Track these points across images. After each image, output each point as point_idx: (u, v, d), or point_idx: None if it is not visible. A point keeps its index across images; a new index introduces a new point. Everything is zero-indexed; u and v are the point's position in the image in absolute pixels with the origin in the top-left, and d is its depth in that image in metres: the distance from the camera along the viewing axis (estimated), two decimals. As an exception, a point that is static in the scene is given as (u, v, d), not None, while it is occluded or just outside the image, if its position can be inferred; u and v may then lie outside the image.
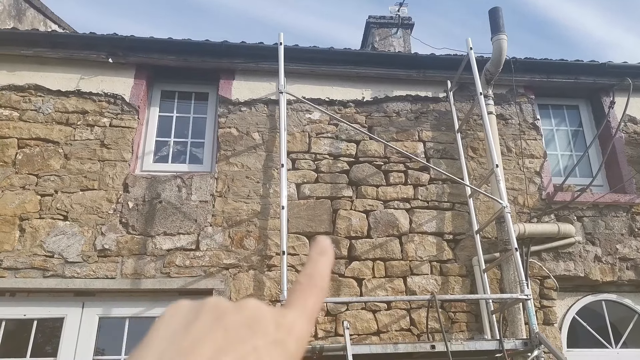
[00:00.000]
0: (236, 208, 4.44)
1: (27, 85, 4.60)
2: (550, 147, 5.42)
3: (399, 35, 8.26)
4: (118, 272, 4.04)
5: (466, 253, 4.52)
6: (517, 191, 4.85)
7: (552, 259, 4.57)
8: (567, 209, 4.76)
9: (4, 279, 3.88)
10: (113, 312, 4.02)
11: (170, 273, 4.11)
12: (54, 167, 4.33)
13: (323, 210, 4.56)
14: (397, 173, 4.81)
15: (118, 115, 4.62)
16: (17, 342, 3.87)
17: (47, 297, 3.99)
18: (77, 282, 3.93)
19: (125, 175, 4.40)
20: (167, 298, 4.14)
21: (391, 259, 4.44)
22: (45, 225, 4.10)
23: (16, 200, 4.15)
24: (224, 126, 4.76)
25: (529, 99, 5.34)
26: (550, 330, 4.27)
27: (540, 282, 4.46)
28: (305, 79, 5.05)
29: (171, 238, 4.23)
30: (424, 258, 4.48)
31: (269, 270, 4.25)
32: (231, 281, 4.15)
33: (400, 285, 4.35)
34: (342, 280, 4.31)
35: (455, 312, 4.29)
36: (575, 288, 4.60)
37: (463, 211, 4.70)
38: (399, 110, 5.11)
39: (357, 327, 4.14)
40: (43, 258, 3.99)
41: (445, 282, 4.41)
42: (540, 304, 4.37)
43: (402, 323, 4.21)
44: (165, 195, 4.38)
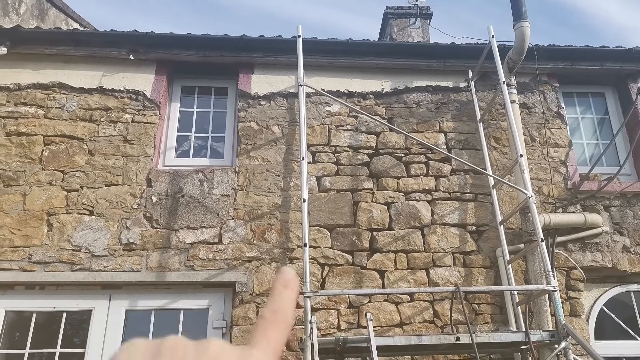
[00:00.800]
0: (257, 201, 4.46)
1: (51, 83, 4.68)
2: (576, 135, 5.30)
3: (418, 25, 8.16)
4: (143, 266, 4.10)
5: (490, 244, 4.46)
6: (542, 181, 4.76)
7: (578, 249, 4.48)
8: (594, 199, 4.66)
9: (33, 273, 3.98)
10: (139, 304, 4.09)
11: (194, 266, 4.16)
12: (79, 163, 4.41)
13: (344, 202, 4.55)
14: (418, 164, 4.76)
15: (140, 111, 4.68)
16: (47, 334, 3.97)
17: (75, 290, 4.08)
18: (103, 275, 4.01)
19: (148, 170, 4.45)
20: (192, 290, 4.19)
21: (413, 250, 4.41)
22: (72, 220, 4.19)
23: (43, 196, 4.24)
24: (244, 120, 4.77)
25: (552, 87, 5.22)
26: (578, 322, 4.20)
27: (567, 273, 4.38)
28: (324, 71, 5.03)
29: (194, 232, 4.28)
30: (447, 250, 4.43)
31: (290, 262, 4.26)
32: (254, 274, 4.18)
33: (422, 277, 4.32)
34: (364, 272, 4.30)
35: (479, 304, 4.25)
36: (603, 279, 4.51)
37: (486, 202, 4.63)
38: (419, 101, 5.06)
39: (380, 319, 4.13)
40: (71, 252, 4.08)
41: (469, 273, 4.36)
42: (567, 296, 4.29)
43: (425, 315, 4.19)
44: (187, 189, 4.42)
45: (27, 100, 4.60)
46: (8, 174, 4.31)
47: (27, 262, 4.01)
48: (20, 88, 4.64)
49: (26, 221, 4.14)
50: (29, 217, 4.15)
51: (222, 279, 4.15)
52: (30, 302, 4.01)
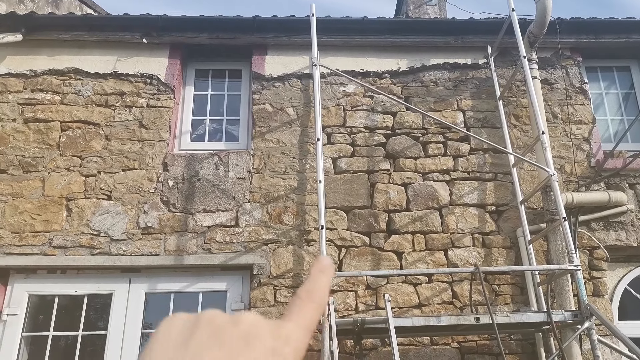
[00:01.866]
0: (273, 184, 4.43)
1: (67, 69, 4.70)
2: (599, 112, 5.13)
3: (434, 2, 7.96)
4: (161, 249, 4.13)
5: (510, 224, 4.38)
6: (564, 159, 4.63)
7: (602, 228, 4.36)
8: (619, 176, 4.52)
9: (55, 257, 4.04)
10: (158, 287, 4.13)
11: (211, 249, 4.17)
12: (95, 148, 4.43)
13: (360, 184, 4.50)
14: (436, 144, 4.67)
15: (155, 96, 4.67)
16: (70, 317, 4.05)
17: (96, 274, 4.14)
18: (123, 259, 4.05)
19: (164, 155, 4.46)
20: (210, 273, 4.21)
21: (431, 231, 4.35)
22: (91, 205, 4.23)
23: (62, 181, 4.28)
24: (258, 102, 4.73)
25: (575, 61, 5.05)
26: (601, 302, 4.11)
27: (590, 252, 4.27)
28: (338, 51, 4.94)
29: (211, 215, 4.29)
30: (466, 230, 4.36)
31: (307, 245, 4.25)
32: (271, 256, 4.18)
33: (441, 258, 4.26)
34: (382, 254, 4.26)
35: (499, 284, 4.18)
36: (627, 258, 4.39)
37: (506, 181, 4.53)
38: (437, 79, 4.94)
39: (398, 301, 4.10)
40: (90, 236, 4.13)
41: (489, 254, 4.29)
42: (590, 275, 4.20)
43: (444, 296, 4.14)
44: (203, 173, 4.42)
45: (43, 87, 4.62)
46: (27, 160, 4.36)
47: (48, 247, 4.07)
48: (37, 74, 4.66)
49: (46, 206, 4.19)
50: (49, 203, 4.21)
51: (239, 262, 4.15)
52: (52, 285, 4.09)
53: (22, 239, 4.08)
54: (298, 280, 4.12)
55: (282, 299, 4.06)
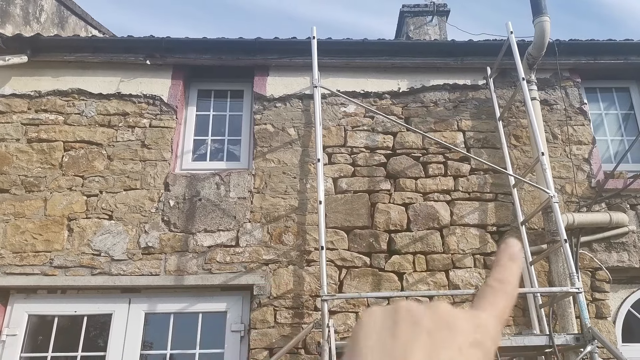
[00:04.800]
0: (274, 204, 4.44)
1: (71, 89, 4.76)
2: (599, 132, 5.15)
3: (435, 23, 8.06)
4: (162, 269, 4.13)
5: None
6: (565, 179, 4.64)
7: (603, 249, 4.34)
8: (620, 197, 4.51)
9: (55, 277, 4.04)
10: (158, 308, 4.12)
11: (212, 269, 4.17)
12: (98, 168, 4.47)
13: (361, 204, 4.50)
14: (437, 164, 4.69)
15: (157, 116, 4.72)
16: (69, 337, 4.03)
17: (96, 294, 4.13)
18: (123, 279, 4.05)
19: (166, 175, 4.49)
20: (210, 293, 4.20)
21: (432, 252, 4.34)
22: (92, 224, 4.24)
23: (64, 201, 4.31)
24: (260, 123, 4.77)
25: (574, 82, 5.09)
26: (604, 324, 4.07)
27: (592, 274, 4.25)
28: (339, 72, 5.00)
29: (211, 235, 4.29)
30: (467, 251, 4.35)
31: (308, 265, 4.24)
32: (271, 276, 4.17)
33: (442, 279, 4.24)
34: (382, 274, 4.25)
35: (500, 306, 4.14)
36: (630, 280, 4.37)
37: (507, 202, 4.53)
38: (437, 99, 4.98)
39: (399, 322, 4.06)
40: (91, 256, 4.13)
41: (490, 275, 4.26)
42: (592, 297, 4.17)
43: (445, 318, 4.10)
44: (204, 192, 4.44)
45: (47, 107, 4.68)
46: (30, 179, 4.39)
47: (49, 267, 4.07)
48: (41, 95, 4.73)
49: (47, 226, 4.21)
50: (50, 222, 4.22)
51: (239, 282, 4.14)
52: (52, 306, 4.08)
53: (23, 259, 4.09)
54: (298, 301, 4.11)
55: (282, 320, 4.04)
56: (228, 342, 4.05)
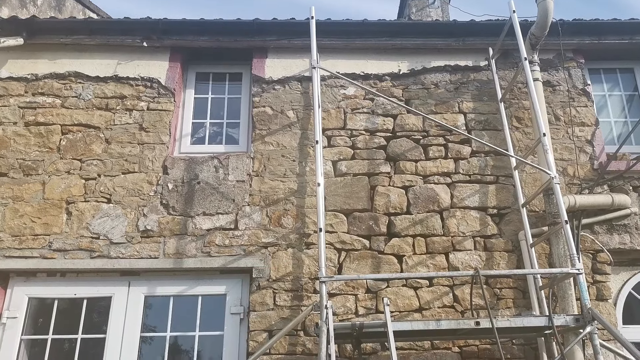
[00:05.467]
0: (273, 187, 4.42)
1: (68, 72, 4.71)
2: (603, 114, 5.08)
3: (437, 5, 7.94)
4: (161, 252, 4.13)
5: (512, 228, 4.33)
6: (567, 161, 4.58)
7: (605, 232, 4.31)
8: (622, 179, 4.46)
9: (54, 260, 4.05)
10: (158, 290, 4.12)
11: (211, 252, 4.16)
12: (96, 151, 4.44)
13: (360, 187, 4.47)
14: (437, 147, 4.64)
15: (155, 99, 4.67)
16: (69, 320, 4.05)
17: (95, 277, 4.13)
18: (122, 262, 4.05)
19: (164, 158, 4.46)
20: (209, 276, 4.20)
21: (432, 235, 4.32)
22: (90, 208, 4.23)
23: (62, 184, 4.29)
24: (259, 105, 4.72)
25: (578, 63, 5.00)
26: (604, 306, 4.06)
27: (593, 256, 4.22)
28: (338, 53, 4.93)
29: (210, 218, 4.28)
30: (467, 233, 4.32)
31: (307, 248, 4.23)
32: (270, 259, 4.16)
33: (442, 262, 4.23)
34: (382, 257, 4.23)
35: (501, 288, 4.14)
36: (632, 262, 4.34)
37: (508, 184, 4.49)
38: (438, 81, 4.91)
39: (398, 304, 4.07)
40: (89, 240, 4.13)
41: (490, 257, 4.25)
42: (593, 279, 4.14)
43: (444, 300, 4.10)
44: (203, 176, 4.42)
45: (44, 90, 4.65)
46: (28, 163, 4.37)
47: (48, 250, 4.08)
48: (38, 78, 4.69)
49: (46, 210, 4.20)
50: (49, 206, 4.22)
51: (238, 265, 4.14)
52: (51, 289, 4.09)
53: (22, 242, 4.09)
54: (297, 283, 4.10)
55: (282, 302, 4.04)
56: (227, 324, 4.06)
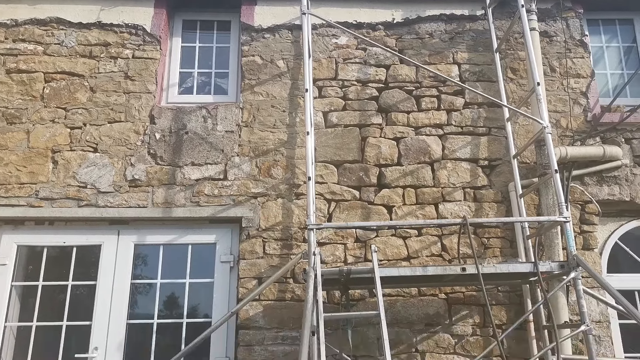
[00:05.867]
0: (262, 138, 4.36)
1: (49, 18, 4.55)
2: (599, 66, 4.98)
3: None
4: (149, 202, 4.11)
5: (502, 179, 4.33)
6: (560, 113, 4.53)
7: (595, 183, 4.31)
8: (615, 131, 4.43)
9: (41, 209, 4.03)
10: (147, 239, 4.13)
11: (200, 202, 4.15)
12: (80, 100, 4.35)
13: (351, 138, 4.42)
14: (430, 98, 4.56)
15: (140, 47, 4.54)
16: (59, 267, 4.07)
17: (84, 225, 4.13)
18: (110, 211, 4.04)
19: (151, 107, 4.38)
20: (198, 226, 4.21)
21: (422, 186, 4.31)
22: (77, 157, 4.18)
23: (47, 133, 4.22)
24: (248, 54, 4.60)
25: (576, 13, 4.87)
26: (590, 255, 4.10)
27: (582, 207, 4.24)
28: (330, 1, 4.76)
29: (199, 168, 4.24)
30: (457, 185, 4.32)
31: (297, 198, 4.22)
32: (260, 209, 4.16)
33: (431, 212, 4.24)
34: (372, 208, 4.23)
35: (488, 238, 4.17)
36: (619, 213, 4.36)
37: (500, 136, 4.45)
38: (432, 31, 4.78)
39: (387, 253, 4.10)
40: (77, 188, 4.10)
41: (479, 208, 4.26)
42: (581, 230, 4.17)
43: (433, 249, 4.14)
44: (191, 126, 4.35)
45: (25, 37, 4.50)
46: (11, 111, 4.28)
47: (35, 199, 4.05)
48: (18, 24, 4.53)
49: (31, 158, 4.15)
50: (34, 155, 4.16)
51: (228, 215, 4.14)
52: (40, 237, 4.09)
53: (8, 191, 4.06)
54: (287, 233, 4.11)
55: (271, 251, 4.06)
56: (218, 272, 4.10)
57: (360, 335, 3.88)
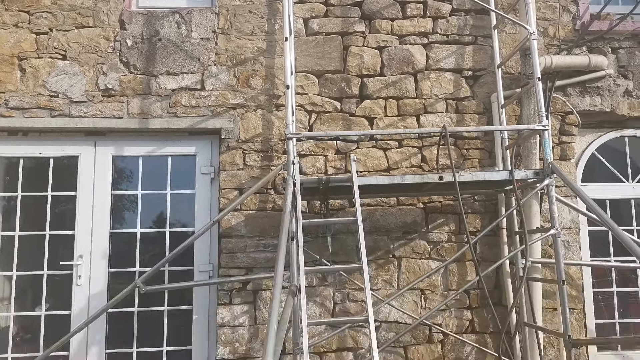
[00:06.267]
0: (240, 46, 4.18)
1: None
2: (594, -30, 4.75)
3: None
4: (125, 112, 4.01)
5: (485, 90, 4.27)
6: (549, 21, 4.38)
7: (577, 94, 4.28)
8: (602, 40, 4.32)
9: (13, 119, 3.91)
10: (125, 151, 4.08)
11: (177, 113, 4.06)
12: (44, 3, 4.07)
13: (333, 47, 4.26)
14: (415, 4, 4.36)
15: (105, -56, 4.18)
16: (37, 178, 4.04)
17: (59, 136, 4.04)
18: (85, 121, 3.94)
19: (120, 11, 4.12)
20: (177, 137, 4.15)
21: (405, 97, 4.24)
22: (45, 64, 3.99)
23: (11, 39, 3.99)
24: (223, -46, 4.27)
25: None
26: (566, 165, 4.17)
27: (562, 118, 4.24)
28: None
29: (175, 78, 4.09)
30: (440, 96, 4.26)
31: (277, 110, 4.14)
32: (239, 120, 4.09)
33: (413, 124, 4.21)
34: (353, 119, 4.19)
35: (468, 149, 4.19)
36: (599, 124, 4.38)
37: (485, 45, 4.32)
38: None
39: (368, 165, 4.12)
40: (48, 98, 3.96)
41: (461, 119, 4.24)
42: (559, 140, 4.21)
43: (413, 160, 4.16)
44: (164, 32, 4.13)
45: None
46: (-31, 15, 4.01)
47: (5, 108, 3.92)
48: None
49: (-4, 65, 3.96)
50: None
51: (207, 126, 4.07)
52: (14, 147, 4.01)
53: (-24, 100, 3.91)
54: (267, 144, 4.09)
55: (252, 162, 4.05)
56: (199, 184, 4.11)
57: (339, 243, 4.01)
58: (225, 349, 3.83)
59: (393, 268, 4.03)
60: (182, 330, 3.96)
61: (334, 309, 3.94)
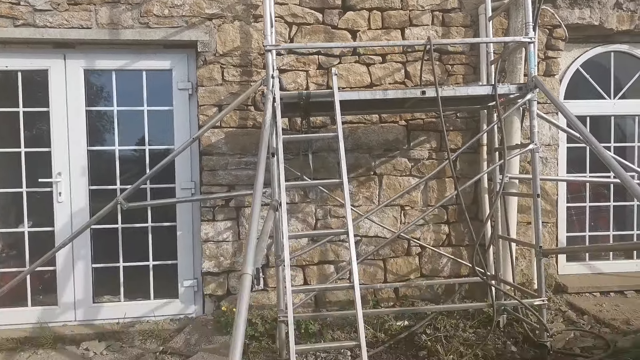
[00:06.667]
0: (215, -50, 3.88)
1: None
2: None
3: None
4: (93, 22, 3.77)
5: (473, 1, 4.10)
6: None
7: (567, 6, 4.13)
8: (598, -52, 4.11)
9: (-27, 29, 3.67)
10: (97, 64, 3.90)
11: (150, 24, 3.83)
12: None
13: (315, -48, 3.98)
14: None
15: None
16: (6, 94, 3.87)
17: (26, 48, 3.82)
18: (51, 32, 3.71)
19: None
20: (151, 50, 3.96)
21: (389, 8, 4.06)
22: (2, -32, 3.68)
23: (-39, -62, 3.63)
24: None
25: None
26: (550, 81, 4.13)
27: (550, 32, 4.13)
28: None
29: (145, -15, 3.82)
30: (426, 7, 4.08)
31: (255, 21, 3.94)
32: (216, 33, 3.89)
33: (397, 37, 4.07)
34: (335, 32, 4.02)
35: (453, 64, 4.10)
36: (586, 39, 4.29)
37: (476, -48, 4.08)
38: None
39: (350, 80, 4.03)
40: (9, 5, 3.69)
41: (447, 33, 4.10)
42: (545, 55, 4.13)
43: (396, 76, 4.07)
44: None
45: None
46: None
47: (-37, 17, 3.66)
48: None
49: (-52, -31, 3.63)
50: (-49, -36, 3.63)
51: (182, 38, 3.87)
52: (-22, 60, 3.80)
53: None
54: (246, 58, 3.93)
55: (230, 77, 3.92)
56: (176, 100, 3.99)
57: (321, 160, 4.01)
58: (210, 262, 3.94)
59: (374, 185, 4.08)
60: (167, 246, 4.03)
61: (315, 224, 4.03)
